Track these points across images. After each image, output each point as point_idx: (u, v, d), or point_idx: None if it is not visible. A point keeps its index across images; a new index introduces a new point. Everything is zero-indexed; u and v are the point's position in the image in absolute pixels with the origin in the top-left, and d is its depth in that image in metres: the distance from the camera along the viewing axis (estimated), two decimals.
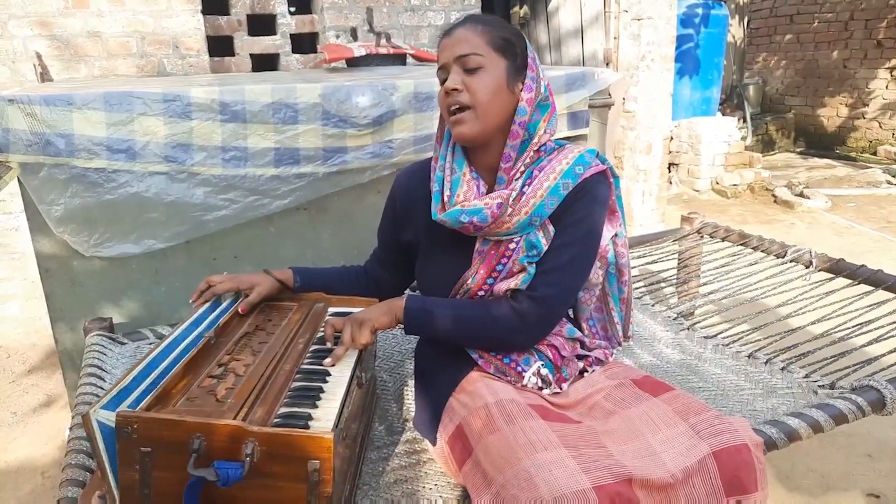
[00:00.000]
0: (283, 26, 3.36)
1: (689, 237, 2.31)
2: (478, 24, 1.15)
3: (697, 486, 0.98)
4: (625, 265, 1.32)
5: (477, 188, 1.19)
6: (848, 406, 1.31)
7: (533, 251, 1.16)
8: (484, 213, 1.14)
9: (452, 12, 3.61)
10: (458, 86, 1.13)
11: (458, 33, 1.15)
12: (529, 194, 1.15)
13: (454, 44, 1.14)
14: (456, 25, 1.17)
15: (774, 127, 7.55)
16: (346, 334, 1.15)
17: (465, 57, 1.12)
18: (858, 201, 5.23)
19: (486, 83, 1.13)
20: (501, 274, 1.19)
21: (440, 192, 1.21)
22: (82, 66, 2.95)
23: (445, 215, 1.17)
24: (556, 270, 1.16)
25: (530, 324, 1.17)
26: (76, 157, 1.64)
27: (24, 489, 2.07)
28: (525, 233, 1.17)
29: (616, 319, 1.34)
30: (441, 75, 1.17)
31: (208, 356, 1.09)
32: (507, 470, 0.96)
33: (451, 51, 1.14)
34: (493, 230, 1.17)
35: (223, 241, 1.85)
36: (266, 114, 1.74)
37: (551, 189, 1.15)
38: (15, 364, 2.88)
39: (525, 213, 1.15)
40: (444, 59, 1.15)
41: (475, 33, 1.14)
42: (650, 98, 4.25)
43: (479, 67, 1.12)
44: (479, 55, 1.12)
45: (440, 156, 1.24)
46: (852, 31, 7.20)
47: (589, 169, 1.18)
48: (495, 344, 1.21)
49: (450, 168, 1.21)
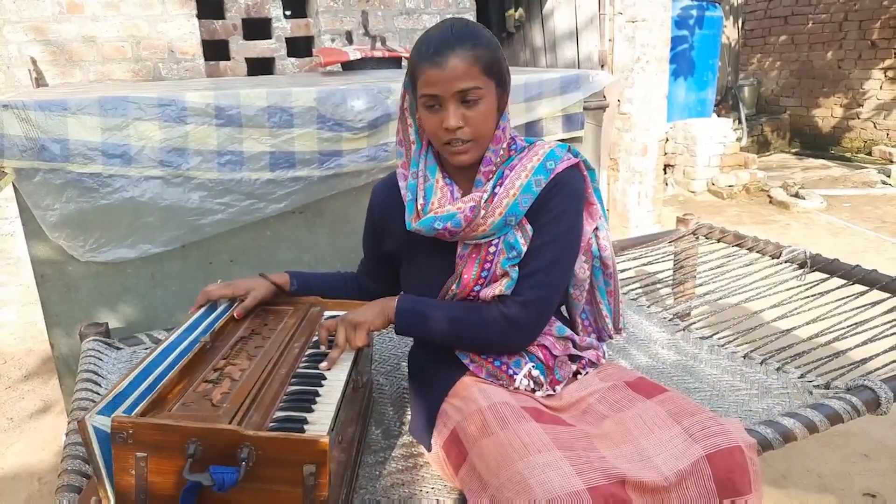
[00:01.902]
0: (279, 30, 3.36)
1: (685, 238, 2.32)
2: (467, 49, 1.07)
3: (690, 488, 0.98)
4: (608, 257, 1.30)
5: (451, 193, 1.18)
6: (843, 406, 1.31)
7: (513, 252, 1.16)
8: (457, 217, 1.13)
9: (448, 15, 3.61)
10: (460, 123, 1.10)
11: (452, 63, 1.06)
12: (502, 194, 1.14)
13: (451, 78, 1.07)
14: (443, 51, 1.07)
15: (769, 128, 7.57)
16: (340, 336, 1.15)
17: (467, 91, 1.08)
18: (854, 201, 5.25)
19: (484, 114, 1.10)
20: (487, 280, 1.18)
21: (413, 200, 1.19)
22: (77, 70, 2.95)
23: (419, 224, 1.16)
24: (539, 272, 1.16)
25: (521, 328, 1.16)
26: (71, 162, 1.64)
27: (20, 495, 2.06)
28: (502, 234, 1.16)
29: (605, 312, 1.33)
30: (428, 101, 1.11)
31: (204, 361, 1.09)
32: (502, 473, 0.96)
33: (448, 86, 1.07)
34: (469, 234, 1.16)
35: (219, 245, 1.85)
36: (261, 118, 1.75)
37: (524, 187, 1.14)
38: (11, 370, 2.87)
39: (499, 213, 1.14)
40: (439, 91, 1.08)
41: (470, 63, 1.07)
42: (645, 100, 4.26)
43: (477, 99, 1.09)
44: (478, 88, 1.08)
45: (412, 161, 1.22)
46: (846, 32, 7.23)
47: (560, 163, 1.17)
48: (487, 346, 1.20)
49: (423, 175, 1.20)
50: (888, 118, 6.98)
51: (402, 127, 1.23)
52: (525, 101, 2.00)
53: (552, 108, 2.06)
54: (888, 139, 6.99)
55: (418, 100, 1.14)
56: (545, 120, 2.06)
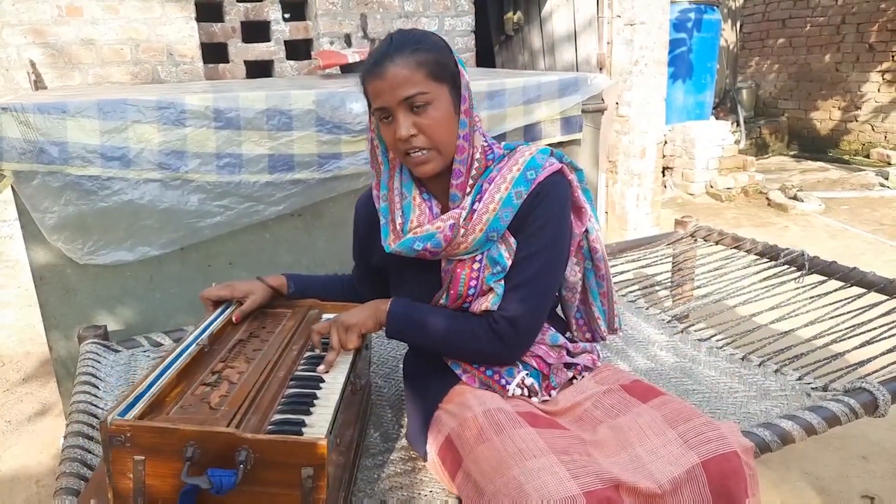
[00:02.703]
0: (278, 33, 3.36)
1: (684, 241, 2.32)
2: (406, 55, 1.06)
3: (686, 495, 0.98)
4: (600, 259, 1.28)
5: (430, 210, 1.16)
6: (841, 408, 1.31)
7: (497, 267, 1.13)
8: (437, 237, 1.11)
9: (446, 18, 3.62)
10: (412, 131, 1.07)
11: (392, 73, 1.05)
12: (481, 210, 1.11)
13: (393, 86, 1.05)
14: (382, 61, 1.06)
15: (768, 130, 7.59)
16: (333, 338, 1.15)
17: (412, 97, 1.06)
18: (852, 204, 5.26)
19: (437, 119, 1.07)
20: (475, 294, 1.16)
21: (389, 222, 1.17)
22: (76, 73, 2.95)
23: (399, 246, 1.14)
24: (524, 285, 1.13)
25: (510, 343, 1.15)
26: (70, 165, 1.64)
27: (18, 498, 2.06)
28: (485, 249, 1.14)
29: (597, 314, 1.31)
30: (381, 114, 1.10)
31: (202, 364, 1.09)
32: (498, 479, 0.96)
33: (392, 94, 1.06)
34: (451, 252, 1.13)
35: (218, 247, 1.85)
36: (260, 120, 1.75)
37: (504, 200, 1.10)
38: (9, 372, 2.87)
39: (480, 230, 1.11)
40: (385, 102, 1.07)
41: (411, 68, 1.05)
42: (644, 102, 4.27)
43: (426, 104, 1.07)
44: (424, 93, 1.06)
45: (381, 184, 1.20)
46: (844, 35, 7.25)
47: (542, 172, 1.13)
48: (478, 358, 1.19)
49: (399, 193, 1.18)
50: (886, 121, 7.00)
51: (371, 149, 1.21)
52: (523, 103, 2.01)
53: (551, 110, 2.06)
54: (886, 142, 7.00)
55: (373, 117, 1.13)
56: (543, 123, 2.07)
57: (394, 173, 1.19)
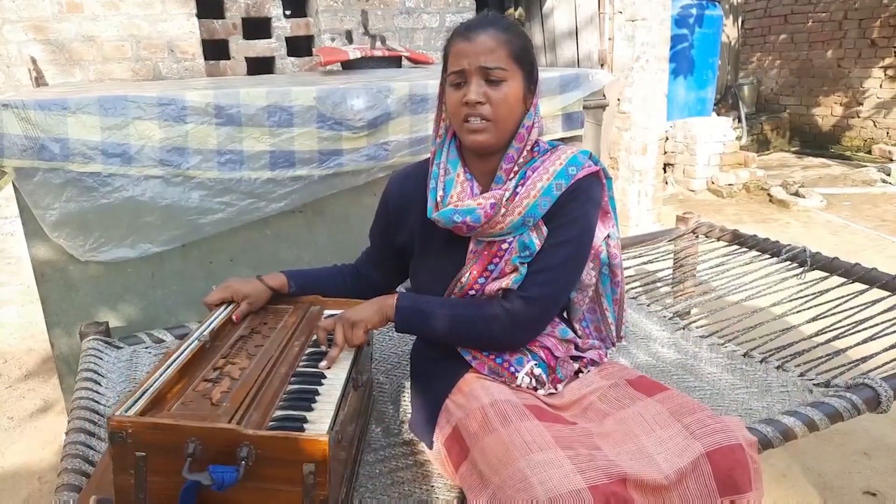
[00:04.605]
0: (279, 29, 3.36)
1: (685, 237, 2.32)
2: (499, 31, 1.12)
3: (691, 486, 0.98)
4: (617, 265, 1.32)
5: (471, 189, 1.19)
6: (843, 404, 1.31)
7: (526, 252, 1.17)
8: (477, 213, 1.14)
9: (447, 14, 3.62)
10: (481, 98, 1.11)
11: (481, 40, 1.11)
12: (523, 194, 1.15)
13: (477, 52, 1.10)
14: (476, 28, 1.13)
15: (769, 126, 7.57)
16: (338, 335, 1.16)
17: (490, 69, 1.11)
18: (853, 200, 5.25)
19: (507, 97, 1.12)
20: (493, 274, 1.19)
21: (435, 189, 1.20)
22: (77, 70, 2.95)
23: (439, 215, 1.17)
24: (547, 270, 1.17)
25: (521, 324, 1.17)
26: (71, 162, 1.63)
27: (21, 494, 2.06)
28: (518, 233, 1.17)
29: (610, 320, 1.34)
30: (455, 79, 1.14)
31: (203, 360, 1.09)
32: (503, 471, 0.96)
33: (475, 59, 1.11)
34: (487, 230, 1.17)
35: (219, 244, 1.85)
36: (261, 117, 1.75)
37: (544, 189, 1.15)
38: (11, 369, 2.87)
39: (518, 213, 1.15)
40: (464, 65, 1.12)
41: (499, 43, 1.11)
42: (645, 99, 4.26)
43: (501, 80, 1.11)
44: (503, 69, 1.11)
45: (437, 152, 1.24)
46: (846, 31, 7.23)
47: (582, 170, 1.18)
48: (487, 343, 1.21)
49: (444, 168, 1.21)
50: (888, 117, 6.98)
51: (437, 117, 1.25)
52: None
53: (552, 106, 2.06)
54: (888, 138, 6.99)
55: (446, 82, 1.17)
56: (545, 119, 2.06)
57: (446, 145, 1.23)
